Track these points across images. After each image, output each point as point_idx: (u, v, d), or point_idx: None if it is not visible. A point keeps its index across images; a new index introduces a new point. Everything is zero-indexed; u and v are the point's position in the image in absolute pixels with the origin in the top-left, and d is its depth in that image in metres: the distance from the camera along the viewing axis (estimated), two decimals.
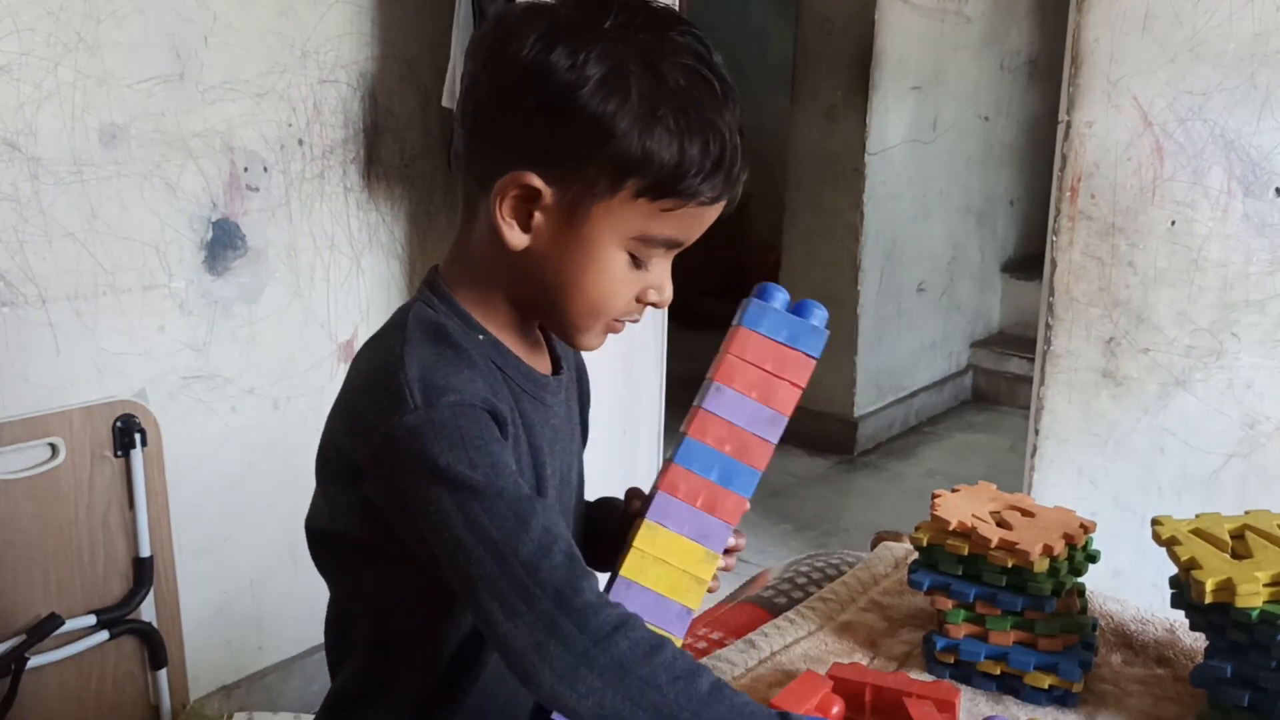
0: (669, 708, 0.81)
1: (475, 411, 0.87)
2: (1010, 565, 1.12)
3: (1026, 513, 1.20)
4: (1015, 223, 4.80)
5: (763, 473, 0.98)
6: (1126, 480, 2.04)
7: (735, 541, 1.01)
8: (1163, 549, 1.11)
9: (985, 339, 4.72)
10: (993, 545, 1.13)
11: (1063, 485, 2.08)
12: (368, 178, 2.24)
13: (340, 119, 2.17)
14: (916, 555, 1.21)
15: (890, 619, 1.32)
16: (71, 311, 1.85)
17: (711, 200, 0.90)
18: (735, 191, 0.92)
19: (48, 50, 1.76)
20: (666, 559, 0.96)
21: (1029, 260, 4.59)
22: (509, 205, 0.90)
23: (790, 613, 1.34)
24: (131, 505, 1.93)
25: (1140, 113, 1.93)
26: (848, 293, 3.89)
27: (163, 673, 2.02)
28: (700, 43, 0.90)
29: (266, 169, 2.07)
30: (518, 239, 0.91)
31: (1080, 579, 1.19)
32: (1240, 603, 1.01)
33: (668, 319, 2.57)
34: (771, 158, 4.95)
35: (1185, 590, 1.08)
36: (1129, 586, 1.88)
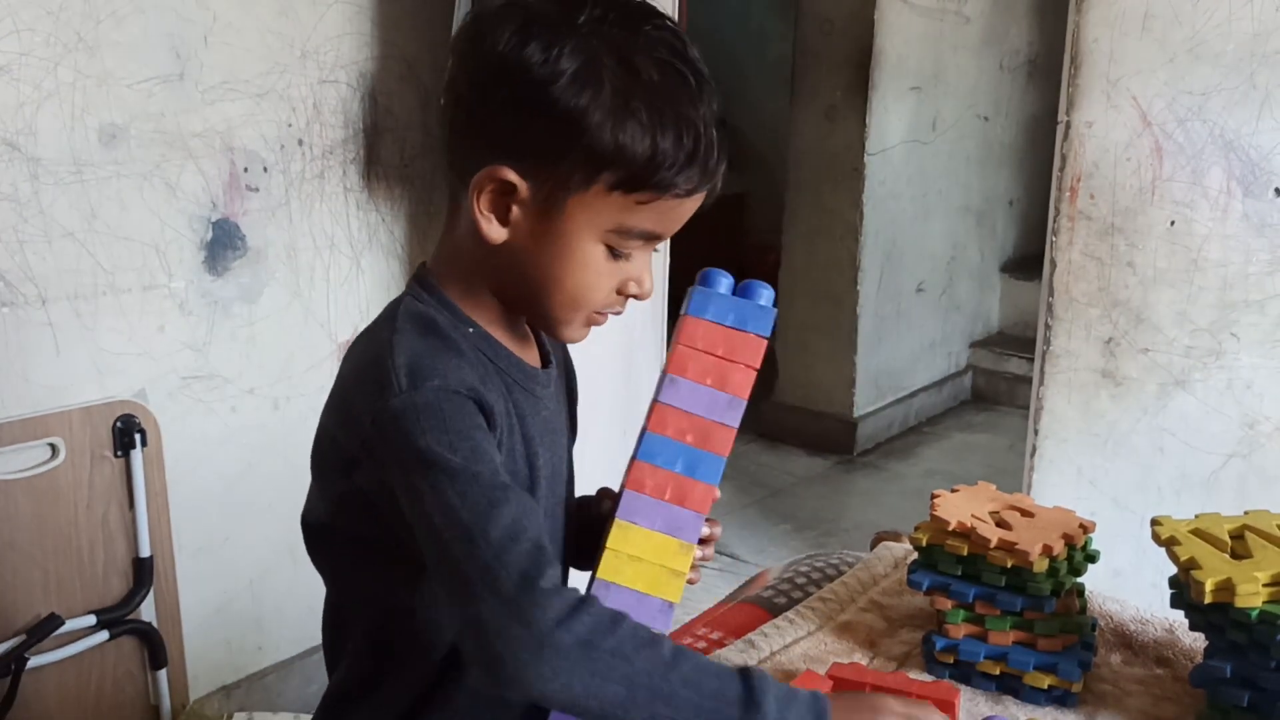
0: (639, 676, 0.81)
1: (459, 397, 0.88)
2: (1010, 565, 1.12)
3: (1026, 513, 1.20)
4: (1015, 223, 4.80)
5: (727, 458, 0.98)
6: (1126, 480, 2.04)
7: (710, 530, 1.01)
8: (1162, 549, 1.11)
9: (985, 339, 4.72)
10: (992, 545, 1.13)
11: (1062, 485, 2.08)
12: (368, 178, 2.24)
13: (340, 119, 2.17)
14: (916, 555, 1.21)
15: (890, 619, 1.32)
16: (71, 311, 1.86)
17: (687, 192, 0.90)
18: (713, 183, 0.92)
19: (47, 50, 1.76)
20: (641, 556, 0.96)
21: (1028, 260, 4.59)
22: (487, 200, 0.91)
23: (790, 613, 1.34)
24: (131, 505, 1.93)
25: (1140, 113, 1.93)
26: (847, 293, 3.88)
27: (162, 673, 2.02)
28: (675, 36, 0.91)
29: (266, 169, 2.07)
30: (496, 233, 0.92)
31: (1080, 579, 1.19)
32: (1240, 603, 1.01)
33: (667, 319, 2.57)
34: (771, 158, 4.95)
35: (1185, 590, 1.08)
36: (1128, 587, 1.88)
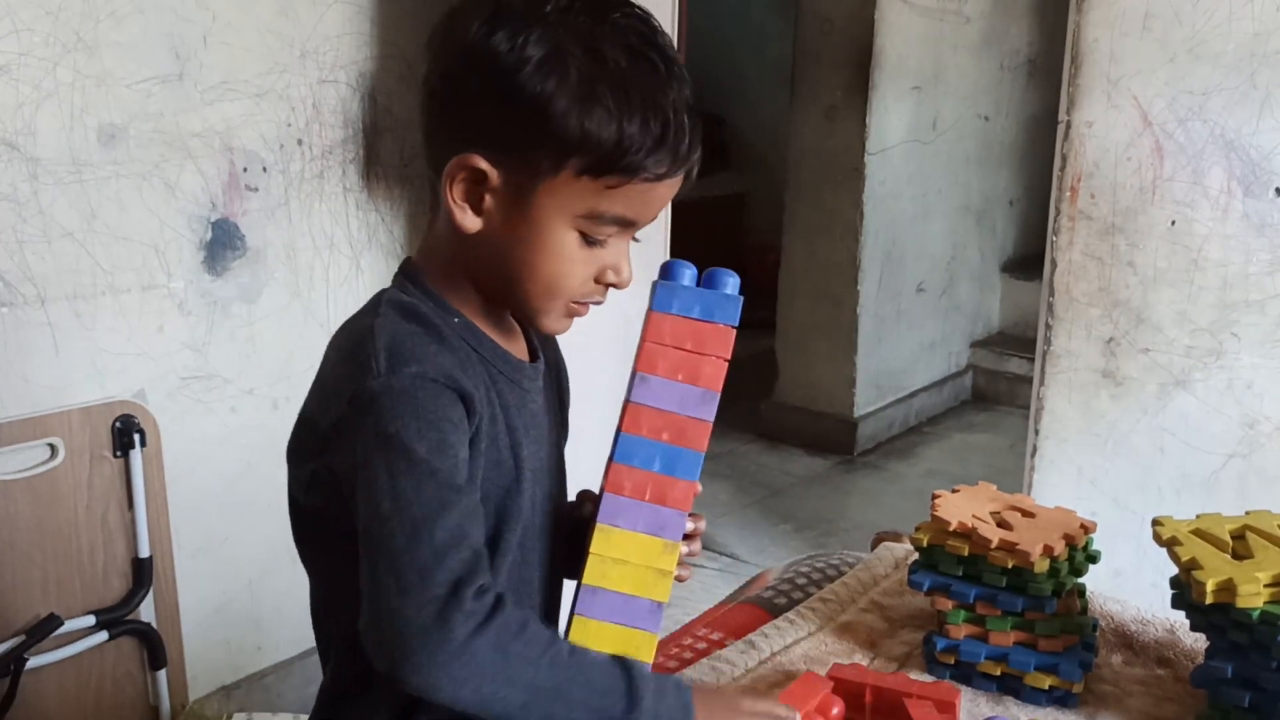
0: (541, 678, 0.84)
1: (437, 386, 0.88)
2: (1010, 566, 1.12)
3: (1027, 513, 1.20)
4: (1015, 223, 4.80)
5: (705, 452, 0.97)
6: (1126, 480, 2.04)
7: (694, 526, 1.01)
8: (1163, 549, 1.11)
9: (985, 339, 4.72)
10: (993, 546, 1.13)
11: (1063, 485, 2.08)
12: (367, 178, 2.24)
13: (339, 119, 2.16)
14: (916, 556, 1.21)
15: (890, 620, 1.32)
16: (70, 312, 1.85)
17: (658, 177, 0.90)
18: (686, 168, 0.92)
19: (47, 50, 1.76)
20: (626, 558, 0.95)
21: (1029, 260, 4.59)
22: (459, 189, 0.92)
23: (790, 613, 1.34)
24: (130, 505, 1.93)
25: (1140, 113, 1.93)
26: (847, 293, 3.88)
27: (162, 673, 2.01)
28: (644, 24, 0.91)
29: (266, 169, 2.07)
30: (471, 222, 0.93)
31: (1080, 579, 1.19)
32: (1241, 603, 1.01)
33: None
34: (771, 158, 4.95)
35: (1186, 591, 1.08)
36: (1129, 587, 1.88)
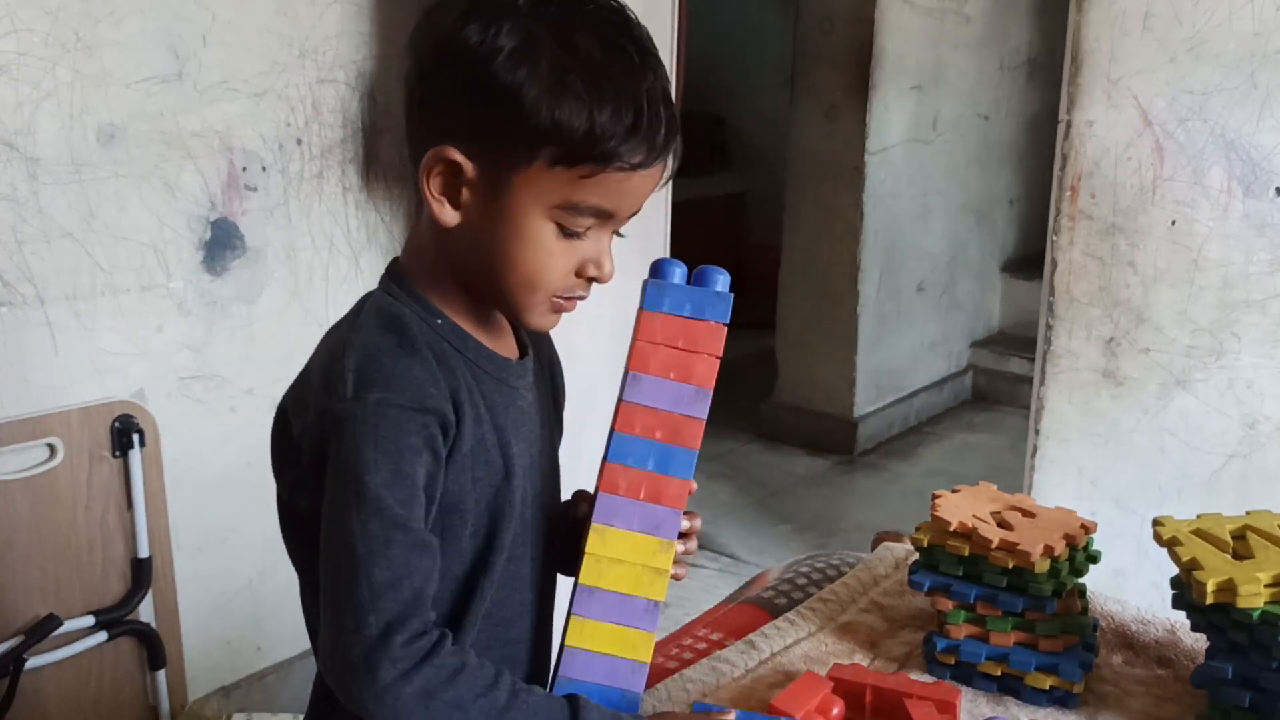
0: None
1: (400, 412, 0.87)
2: (1011, 566, 1.12)
3: (1027, 513, 1.19)
4: (1015, 222, 4.79)
5: (698, 450, 0.97)
6: (1127, 480, 2.04)
7: (689, 525, 1.01)
8: (1163, 549, 1.11)
9: (985, 339, 4.72)
10: (993, 546, 1.12)
11: (1063, 485, 2.08)
12: (366, 177, 2.24)
13: (339, 118, 2.16)
14: (917, 556, 1.21)
15: (890, 620, 1.32)
16: (70, 311, 1.85)
17: (633, 167, 0.89)
18: (663, 158, 0.91)
19: (46, 50, 1.76)
20: (622, 558, 0.95)
21: (1029, 260, 4.58)
22: (437, 183, 0.92)
23: (790, 613, 1.34)
24: (130, 506, 1.93)
25: (1140, 112, 1.93)
26: (847, 292, 3.88)
27: (161, 673, 2.01)
28: (618, 14, 0.91)
29: (265, 169, 2.07)
30: (449, 216, 0.92)
31: (1081, 579, 1.19)
32: (1241, 603, 1.01)
33: None
34: (771, 157, 4.94)
35: (1186, 591, 1.08)
36: (1130, 587, 1.88)
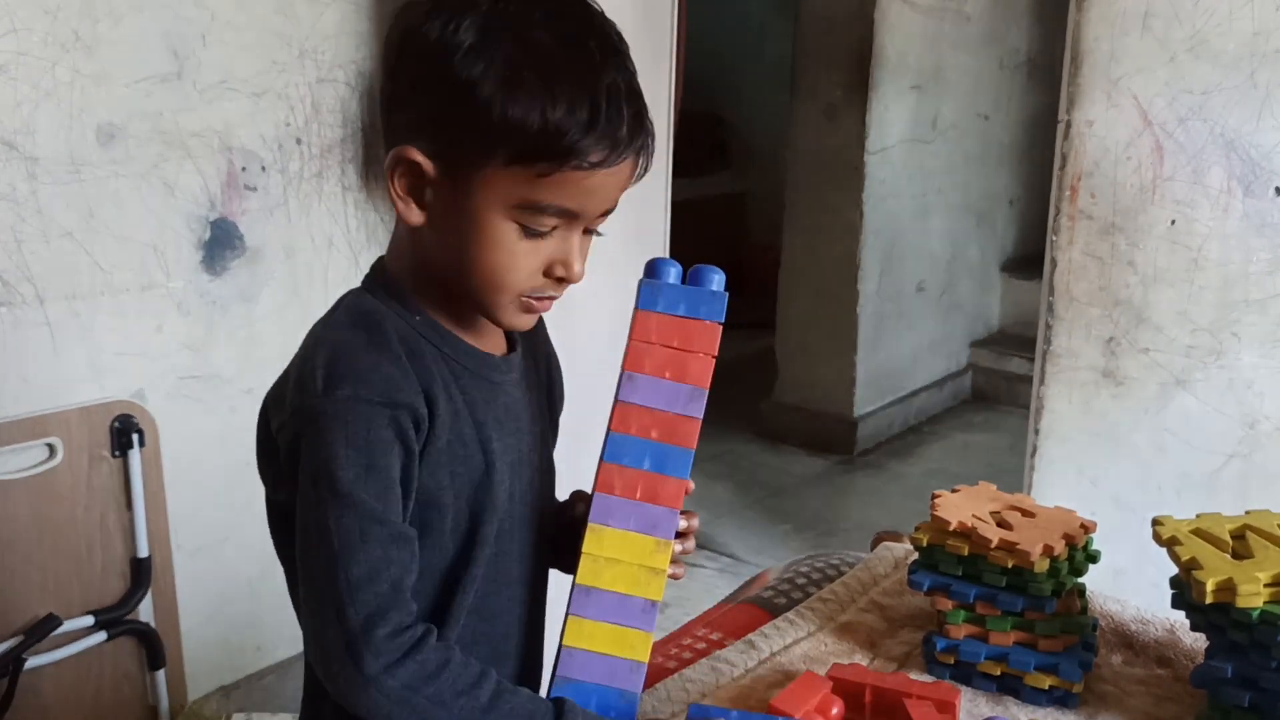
0: (453, 718, 0.87)
1: (369, 407, 0.88)
2: (1010, 565, 1.12)
3: (1027, 513, 1.19)
4: (1015, 222, 4.79)
5: (694, 449, 0.97)
6: (1127, 480, 2.04)
7: (686, 524, 1.01)
8: (1163, 549, 1.11)
9: (985, 338, 4.72)
10: (993, 545, 1.12)
11: (1063, 485, 2.07)
12: (366, 177, 2.23)
13: (338, 118, 2.16)
14: (916, 556, 1.21)
15: (890, 620, 1.32)
16: (69, 311, 1.85)
17: (592, 165, 0.87)
18: (625, 155, 0.89)
19: (45, 49, 1.76)
20: (619, 557, 0.95)
21: (1029, 259, 4.58)
22: (402, 183, 0.91)
23: (790, 613, 1.34)
24: (129, 505, 1.93)
25: (1140, 112, 1.93)
26: (847, 292, 3.88)
27: (161, 673, 2.01)
28: (579, 7, 0.90)
29: (264, 168, 2.07)
30: (414, 216, 0.92)
31: (1080, 579, 1.19)
32: (1241, 603, 1.01)
33: None
34: (771, 157, 4.94)
35: (1186, 590, 1.08)
36: (1129, 587, 1.87)
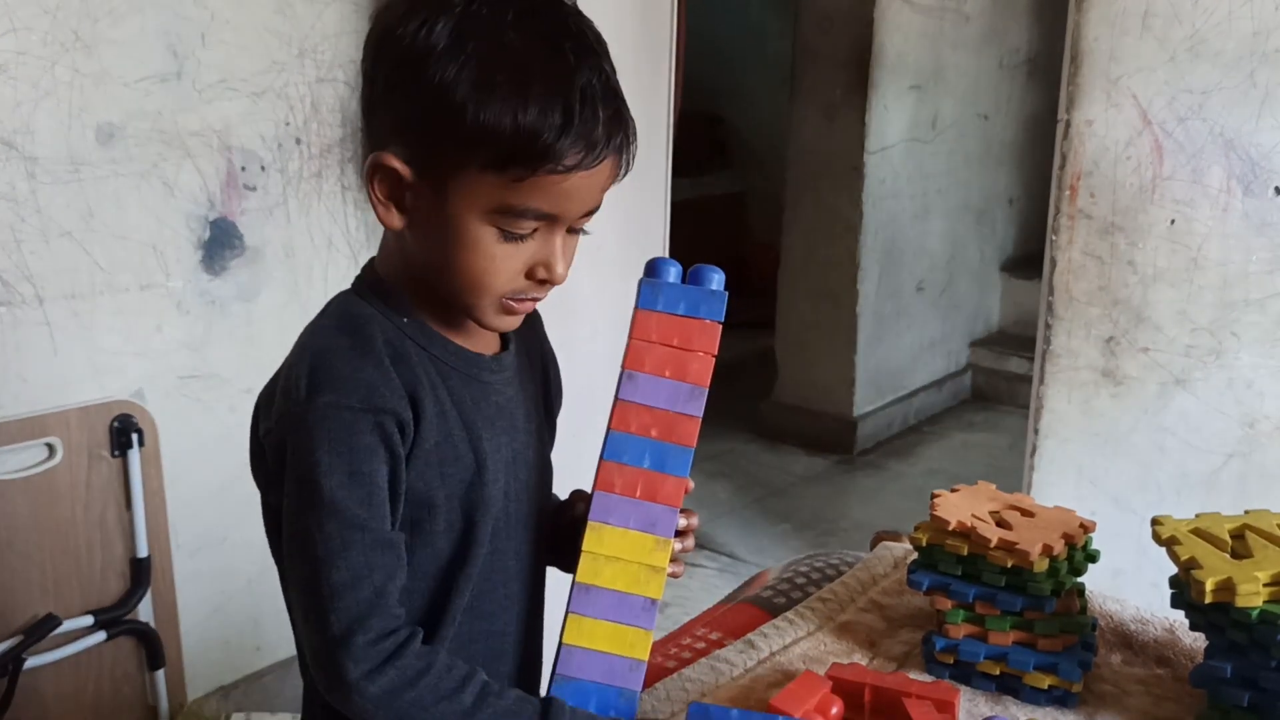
0: None
1: (350, 413, 0.87)
2: (1010, 565, 1.12)
3: (1026, 512, 1.19)
4: (1014, 221, 4.79)
5: (694, 448, 0.97)
6: (1126, 480, 2.04)
7: (686, 522, 1.01)
8: (1162, 549, 1.11)
9: (984, 338, 4.72)
10: (992, 545, 1.12)
11: (1062, 485, 2.07)
12: None
13: (338, 117, 2.16)
14: (916, 555, 1.21)
15: (889, 619, 1.32)
16: (69, 311, 1.85)
17: (569, 168, 0.86)
18: (603, 155, 0.87)
19: (44, 49, 1.76)
20: (618, 555, 0.95)
21: (1028, 259, 4.59)
22: (381, 188, 0.91)
23: (789, 613, 1.34)
24: (129, 505, 1.93)
25: (1140, 111, 1.93)
26: (847, 291, 3.88)
27: (160, 673, 2.01)
28: (554, 8, 0.88)
29: (264, 168, 2.07)
30: (395, 220, 0.92)
31: (1080, 579, 1.19)
32: (1240, 602, 1.01)
33: None
34: (770, 156, 4.94)
35: (1185, 590, 1.08)
36: (1129, 586, 1.87)
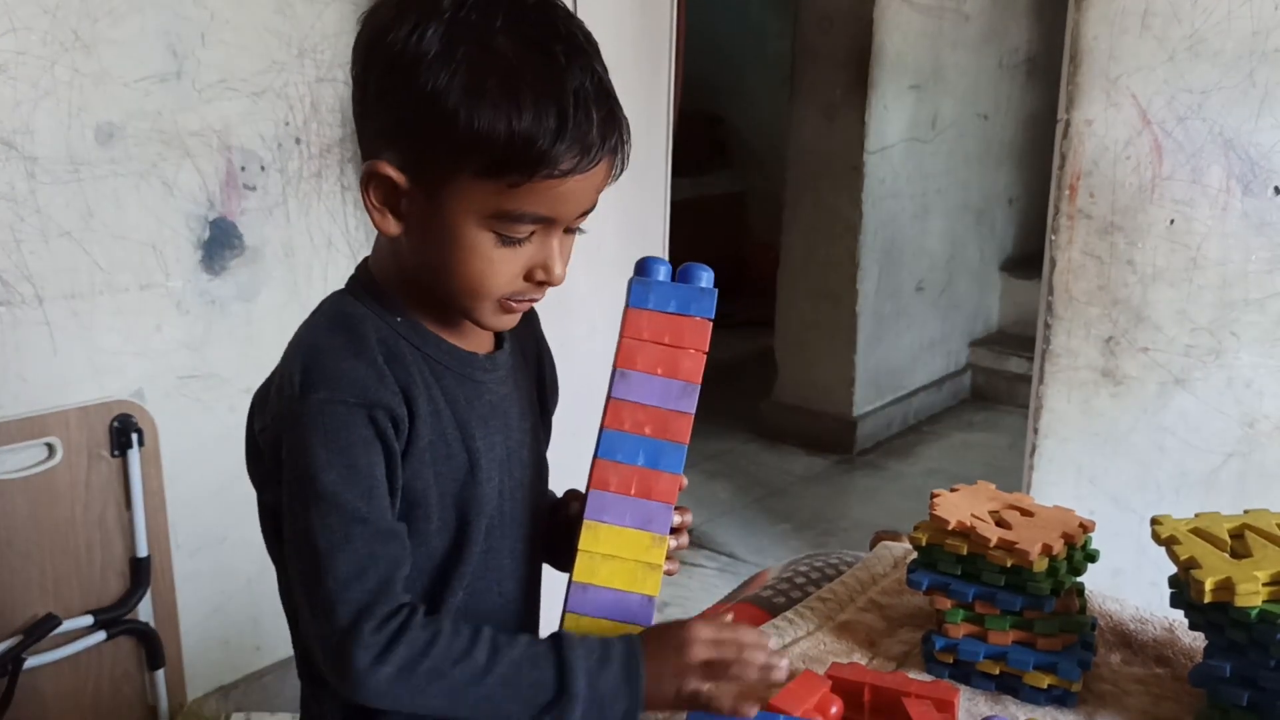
0: (457, 686, 0.88)
1: (345, 408, 0.87)
2: (1009, 565, 1.12)
3: (1025, 512, 1.19)
4: (1014, 221, 4.79)
5: (688, 445, 0.97)
6: (1126, 479, 2.04)
7: (681, 519, 1.01)
8: (1162, 548, 1.11)
9: (984, 338, 4.72)
10: (992, 545, 1.12)
11: (1062, 484, 2.08)
12: None
13: (338, 117, 2.16)
14: (915, 555, 1.21)
15: (889, 619, 1.32)
16: (68, 311, 1.85)
17: (565, 172, 0.86)
18: (597, 158, 0.87)
19: (44, 49, 1.76)
20: (615, 553, 0.96)
21: (1028, 259, 4.58)
22: (377, 194, 0.91)
23: (789, 612, 1.34)
24: (128, 505, 1.93)
25: (1139, 111, 1.93)
26: (846, 291, 3.88)
27: (160, 673, 2.01)
28: (544, 11, 0.88)
29: (264, 168, 2.07)
30: (391, 226, 0.91)
31: (1079, 578, 1.19)
32: (1239, 602, 1.01)
33: None
34: (770, 156, 4.94)
35: (1184, 589, 1.08)
36: (1128, 586, 1.88)
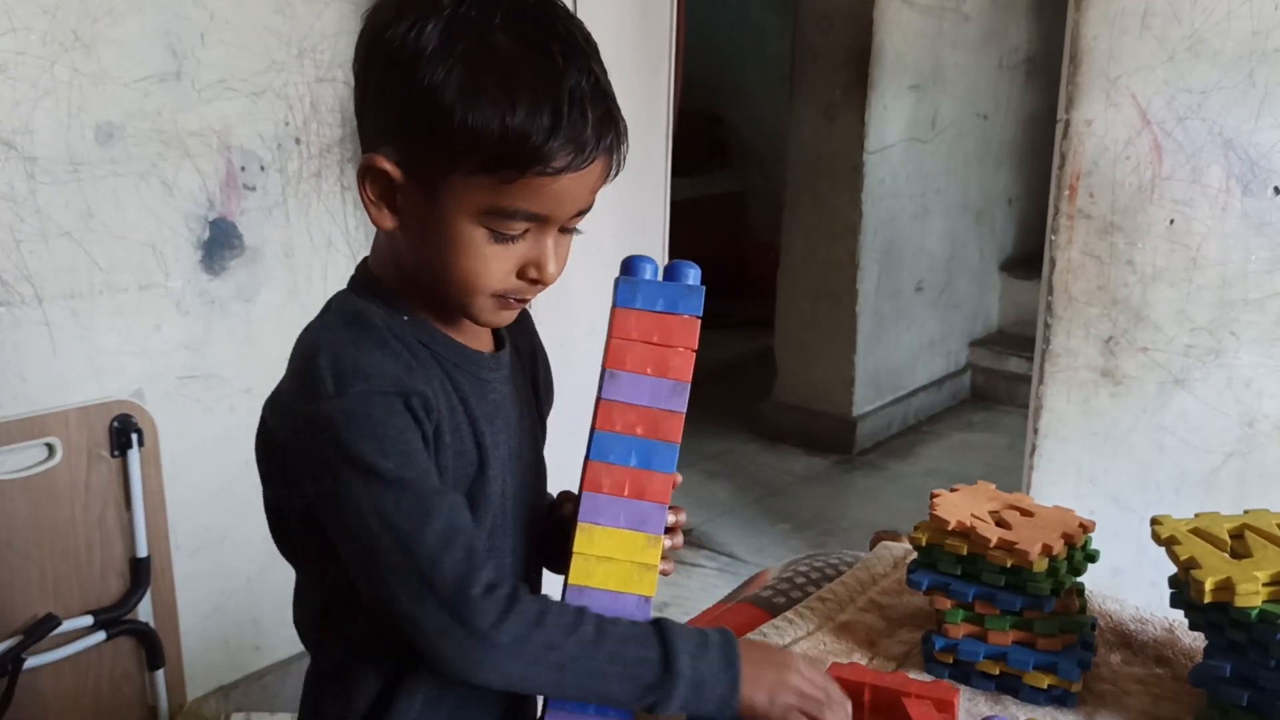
0: (567, 661, 0.88)
1: (386, 398, 0.88)
2: (1009, 565, 1.12)
3: (1025, 512, 1.19)
4: (1014, 221, 4.79)
5: (680, 444, 0.97)
6: (1125, 479, 2.04)
7: (675, 519, 1.01)
8: (1162, 548, 1.11)
9: (984, 338, 4.72)
10: (991, 545, 1.12)
11: (1062, 484, 2.08)
12: None
13: (337, 117, 2.16)
14: (915, 555, 1.21)
15: (889, 619, 1.32)
16: (68, 311, 1.85)
17: (558, 170, 0.86)
18: (592, 156, 0.87)
19: (44, 49, 1.76)
20: (610, 555, 0.95)
21: (1028, 259, 4.59)
22: (373, 189, 0.91)
23: (789, 613, 1.34)
24: (128, 505, 1.93)
25: (1139, 111, 1.93)
26: (846, 291, 3.88)
27: (160, 673, 2.01)
28: (544, 11, 0.88)
29: (264, 168, 2.07)
30: (387, 221, 0.92)
31: (1079, 578, 1.19)
32: (1239, 602, 1.01)
33: None
34: (770, 156, 4.94)
35: (1184, 589, 1.08)
36: (1128, 586, 1.88)
